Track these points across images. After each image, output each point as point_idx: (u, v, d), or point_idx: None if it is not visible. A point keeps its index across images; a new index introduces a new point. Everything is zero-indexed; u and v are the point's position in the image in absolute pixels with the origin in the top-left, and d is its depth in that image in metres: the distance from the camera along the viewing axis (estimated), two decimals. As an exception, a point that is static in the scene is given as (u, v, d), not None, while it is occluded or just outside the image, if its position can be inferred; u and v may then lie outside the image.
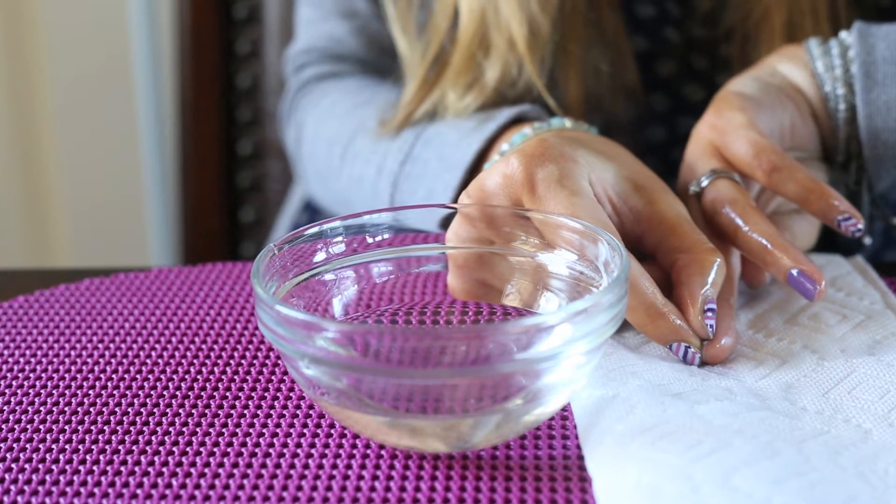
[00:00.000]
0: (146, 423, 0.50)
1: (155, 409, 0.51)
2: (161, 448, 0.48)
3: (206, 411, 0.51)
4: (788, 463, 0.42)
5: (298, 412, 0.50)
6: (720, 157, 0.60)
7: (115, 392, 0.53)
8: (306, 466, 0.46)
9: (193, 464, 0.46)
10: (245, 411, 0.50)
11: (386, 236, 0.54)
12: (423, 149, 0.70)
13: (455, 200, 0.65)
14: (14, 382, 0.54)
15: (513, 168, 0.54)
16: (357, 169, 0.76)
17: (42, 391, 0.53)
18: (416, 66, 0.74)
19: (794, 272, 0.54)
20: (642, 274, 0.52)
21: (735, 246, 0.57)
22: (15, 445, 0.48)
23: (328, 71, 0.86)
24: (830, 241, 0.67)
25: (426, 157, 0.69)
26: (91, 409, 0.51)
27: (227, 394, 0.52)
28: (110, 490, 0.45)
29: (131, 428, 0.49)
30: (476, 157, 0.66)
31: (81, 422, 0.50)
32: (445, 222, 0.57)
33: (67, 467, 0.46)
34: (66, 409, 0.51)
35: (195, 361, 0.56)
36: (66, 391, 0.53)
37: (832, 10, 0.73)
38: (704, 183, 0.59)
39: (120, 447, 0.48)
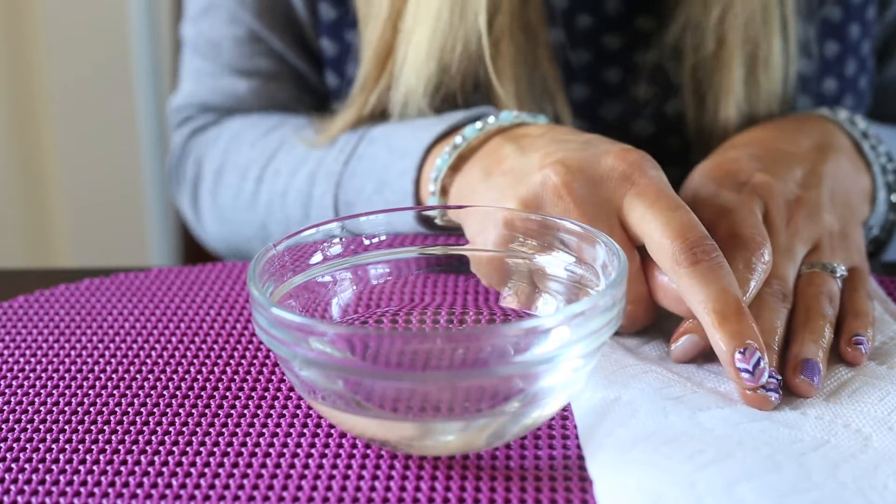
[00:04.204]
0: (146, 423, 0.50)
1: (155, 409, 0.51)
2: (161, 448, 0.48)
3: (206, 411, 0.51)
4: (789, 478, 0.42)
5: (298, 412, 0.50)
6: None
7: (115, 392, 0.53)
8: (306, 466, 0.46)
9: (193, 464, 0.47)
10: (245, 411, 0.51)
11: (384, 238, 0.54)
12: (367, 147, 0.70)
13: (416, 182, 0.65)
14: (14, 382, 0.54)
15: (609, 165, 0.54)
16: (279, 184, 0.75)
17: (42, 391, 0.53)
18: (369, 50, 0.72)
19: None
20: (728, 273, 0.50)
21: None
22: (15, 445, 0.48)
23: (222, 117, 0.84)
24: None
25: (372, 153, 0.70)
26: (91, 409, 0.51)
27: (227, 394, 0.52)
28: (110, 490, 0.45)
29: (131, 428, 0.50)
30: (433, 142, 0.66)
31: (81, 422, 0.50)
32: (423, 220, 0.58)
33: (67, 467, 0.47)
34: (66, 409, 0.51)
35: (195, 361, 0.56)
36: (66, 391, 0.53)
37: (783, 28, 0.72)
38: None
39: (120, 447, 0.48)
